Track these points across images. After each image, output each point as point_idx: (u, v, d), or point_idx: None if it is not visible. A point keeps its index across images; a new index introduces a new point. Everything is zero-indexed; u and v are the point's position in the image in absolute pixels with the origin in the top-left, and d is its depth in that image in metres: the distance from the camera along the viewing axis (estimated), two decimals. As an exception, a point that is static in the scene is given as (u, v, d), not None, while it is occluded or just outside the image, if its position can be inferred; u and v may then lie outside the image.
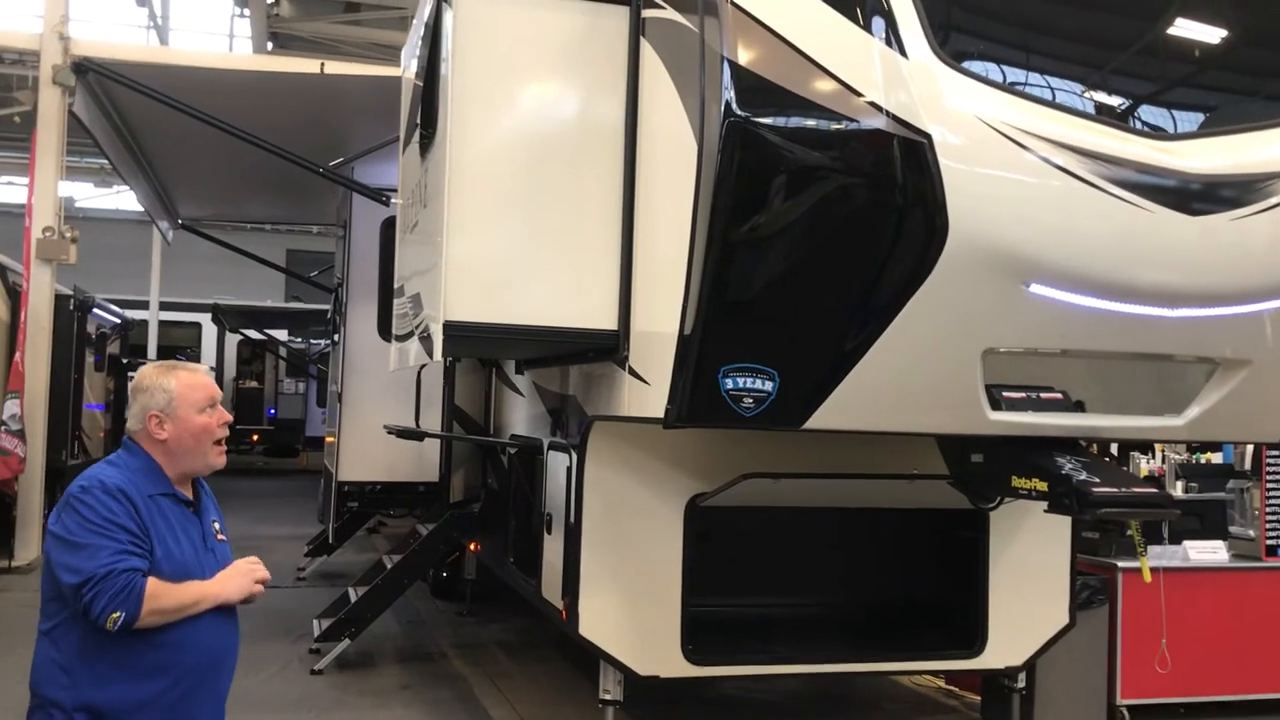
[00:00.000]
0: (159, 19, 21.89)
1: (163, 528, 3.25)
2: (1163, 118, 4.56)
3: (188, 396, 3.35)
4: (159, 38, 22.02)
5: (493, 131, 5.24)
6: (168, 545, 3.24)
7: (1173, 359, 4.68)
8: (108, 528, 3.16)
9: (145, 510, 3.22)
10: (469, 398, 8.72)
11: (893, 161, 4.10)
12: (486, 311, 5.19)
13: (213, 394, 3.42)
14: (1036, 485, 4.56)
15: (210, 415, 3.38)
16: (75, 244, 12.87)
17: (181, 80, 8.16)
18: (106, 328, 16.15)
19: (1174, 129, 4.48)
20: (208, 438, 3.38)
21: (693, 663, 5.91)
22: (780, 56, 4.22)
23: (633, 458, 5.84)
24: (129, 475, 3.30)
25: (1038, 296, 4.21)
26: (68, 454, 13.47)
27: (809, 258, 4.28)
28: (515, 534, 7.52)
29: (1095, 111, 4.40)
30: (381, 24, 19.92)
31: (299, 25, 19.66)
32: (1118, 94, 4.52)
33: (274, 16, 19.47)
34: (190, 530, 3.35)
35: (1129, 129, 4.38)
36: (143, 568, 3.14)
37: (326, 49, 19.28)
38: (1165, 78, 4.67)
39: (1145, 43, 4.70)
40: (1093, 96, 4.50)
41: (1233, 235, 4.43)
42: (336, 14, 19.75)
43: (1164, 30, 4.69)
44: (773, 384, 4.35)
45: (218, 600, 3.27)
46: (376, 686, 8.00)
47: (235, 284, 25.07)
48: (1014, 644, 6.46)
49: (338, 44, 19.88)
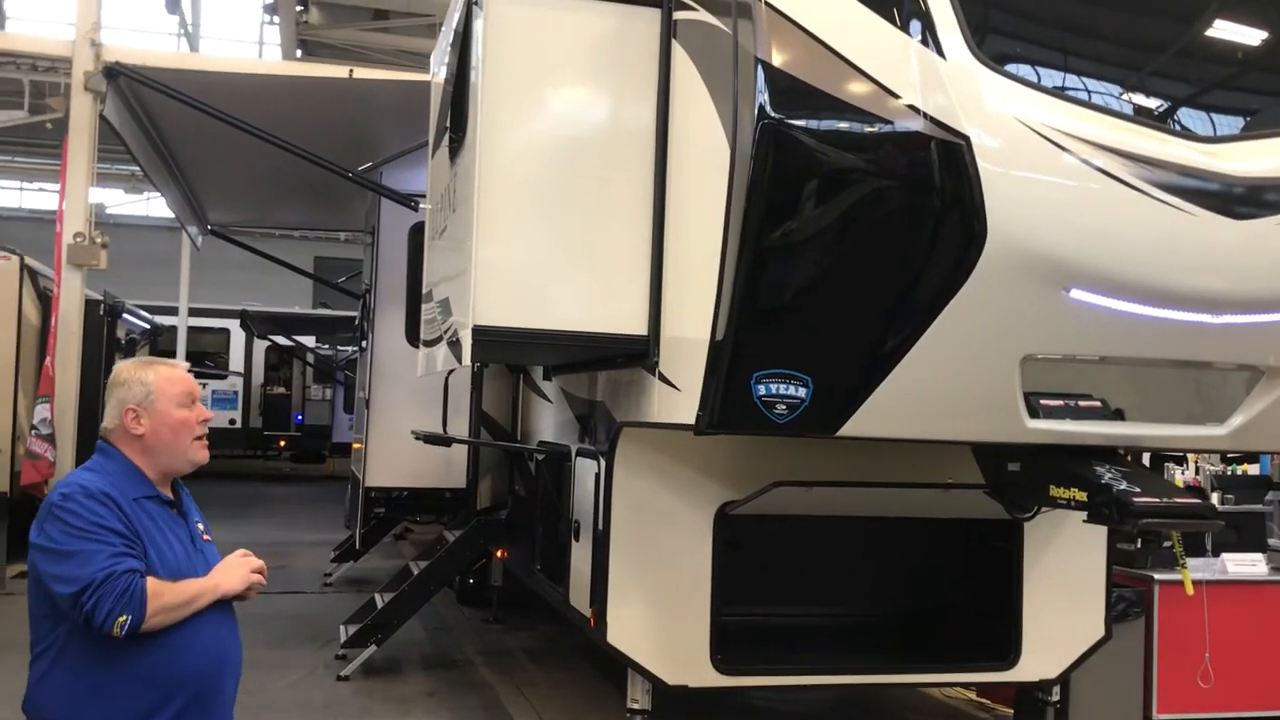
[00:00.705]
0: (189, 26, 22.02)
1: (151, 530, 3.17)
2: (1204, 120, 4.47)
3: (166, 390, 3.27)
4: (189, 45, 22.15)
5: (523, 135, 5.20)
6: (159, 547, 3.16)
7: (1214, 366, 4.58)
8: (97, 532, 3.06)
9: (131, 513, 3.14)
10: (496, 404, 8.68)
11: (930, 164, 4.02)
12: (516, 316, 5.14)
13: (191, 389, 3.35)
14: (1075, 495, 4.47)
15: (189, 410, 3.30)
16: (106, 249, 12.93)
17: (211, 86, 8.17)
18: (136, 333, 16.24)
19: (1216, 131, 4.39)
20: (186, 433, 3.28)
21: (722, 672, 5.84)
22: (815, 58, 4.15)
23: (662, 465, 5.78)
24: (110, 479, 3.19)
25: (1077, 302, 4.12)
26: (97, 458, 13.51)
27: (844, 262, 4.21)
28: (542, 541, 7.47)
29: (1135, 113, 4.31)
30: (410, 31, 19.98)
31: (328, 32, 19.75)
32: (1158, 96, 4.43)
33: (303, 24, 19.56)
34: (178, 531, 3.28)
35: (1170, 131, 4.29)
36: (140, 568, 3.06)
37: (355, 56, 19.35)
38: (1206, 79, 4.58)
39: (1185, 44, 4.61)
40: (1132, 98, 4.41)
41: (1277, 239, 4.33)
42: (365, 21, 19.81)
43: (1204, 31, 4.60)
44: (806, 390, 4.28)
45: (217, 593, 3.19)
46: (402, 693, 7.96)
47: (263, 290, 25.18)
48: (1049, 656, 6.36)
49: (366, 51, 19.94)
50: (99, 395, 13.59)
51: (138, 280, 21.90)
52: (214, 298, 23.24)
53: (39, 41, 14.25)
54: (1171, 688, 7.14)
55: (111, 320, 14.11)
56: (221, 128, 8.79)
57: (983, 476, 5.23)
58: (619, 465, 5.73)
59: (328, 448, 23.65)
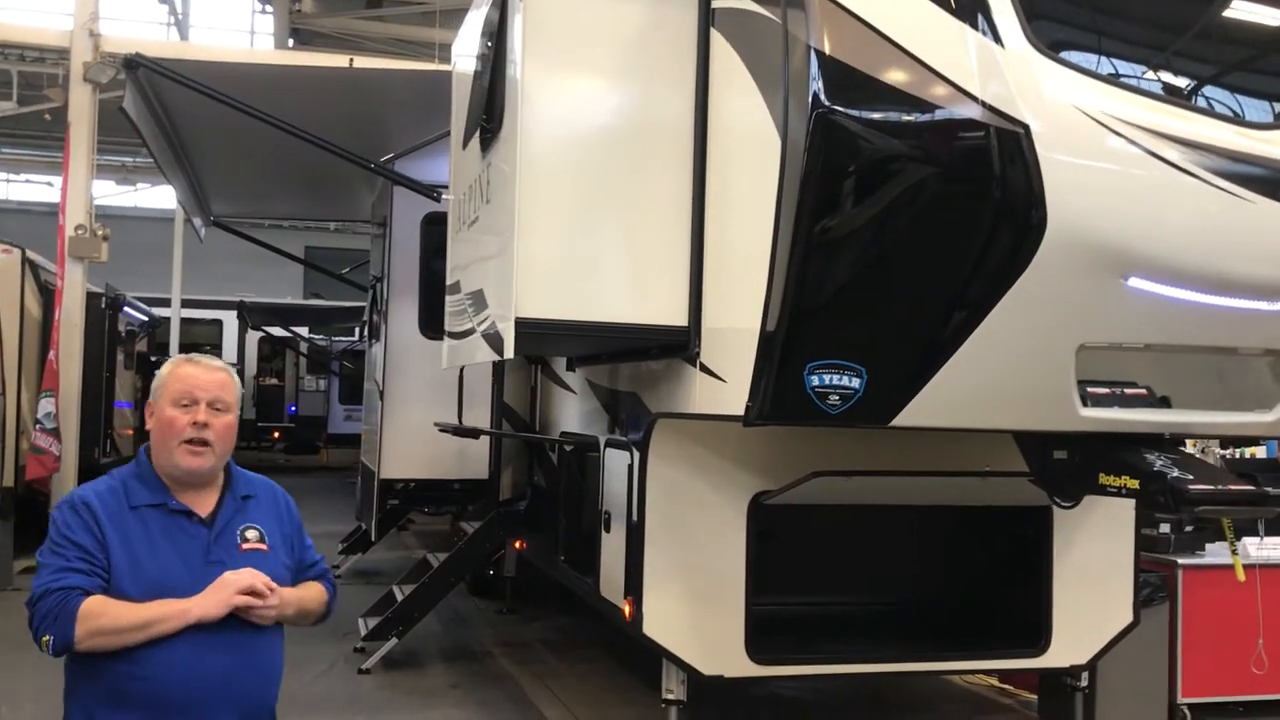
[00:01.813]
0: (179, 15, 21.84)
1: (139, 541, 3.03)
2: (1260, 106, 4.46)
3: (170, 387, 3.14)
4: (179, 34, 21.99)
5: (563, 126, 5.16)
6: (140, 561, 3.00)
7: (1269, 354, 4.58)
8: (61, 544, 2.99)
9: (113, 523, 3.02)
10: (515, 395, 8.64)
11: (989, 153, 4.00)
12: (557, 308, 5.11)
13: (192, 390, 3.12)
14: (1127, 483, 4.47)
15: (183, 412, 3.10)
16: (106, 242, 12.85)
17: (227, 77, 8.10)
18: (135, 325, 16.13)
19: (1273, 118, 4.38)
20: (172, 434, 3.10)
21: (757, 662, 5.83)
22: (870, 46, 4.12)
23: (696, 455, 5.76)
24: (114, 484, 3.13)
25: (1135, 290, 4.12)
26: (100, 452, 13.46)
27: (900, 253, 4.18)
28: (567, 532, 7.44)
29: (1191, 100, 4.31)
30: (404, 19, 19.87)
31: (321, 21, 19.63)
32: (1212, 82, 4.42)
33: (296, 12, 19.42)
34: (182, 543, 3.08)
35: (1225, 117, 4.28)
36: (82, 585, 2.92)
37: (349, 44, 19.23)
38: (1260, 65, 4.58)
39: (1241, 31, 4.60)
40: (1187, 85, 4.41)
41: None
42: (358, 9, 19.69)
43: (1257, 17, 4.59)
44: (860, 381, 4.26)
45: (186, 618, 2.93)
46: (425, 686, 7.95)
47: (255, 281, 25.05)
48: (1078, 643, 6.37)
49: (360, 39, 19.82)
50: (102, 389, 13.52)
51: (129, 272, 21.77)
52: (205, 289, 23.12)
53: (36, 32, 14.15)
54: (1196, 672, 7.17)
55: (113, 313, 14.01)
56: (230, 119, 8.69)
57: (1026, 464, 5.22)
58: (654, 456, 5.70)
59: (323, 439, 23.55)
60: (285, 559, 3.27)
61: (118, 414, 14.80)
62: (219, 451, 3.17)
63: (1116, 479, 4.54)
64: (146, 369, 17.30)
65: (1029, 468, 5.22)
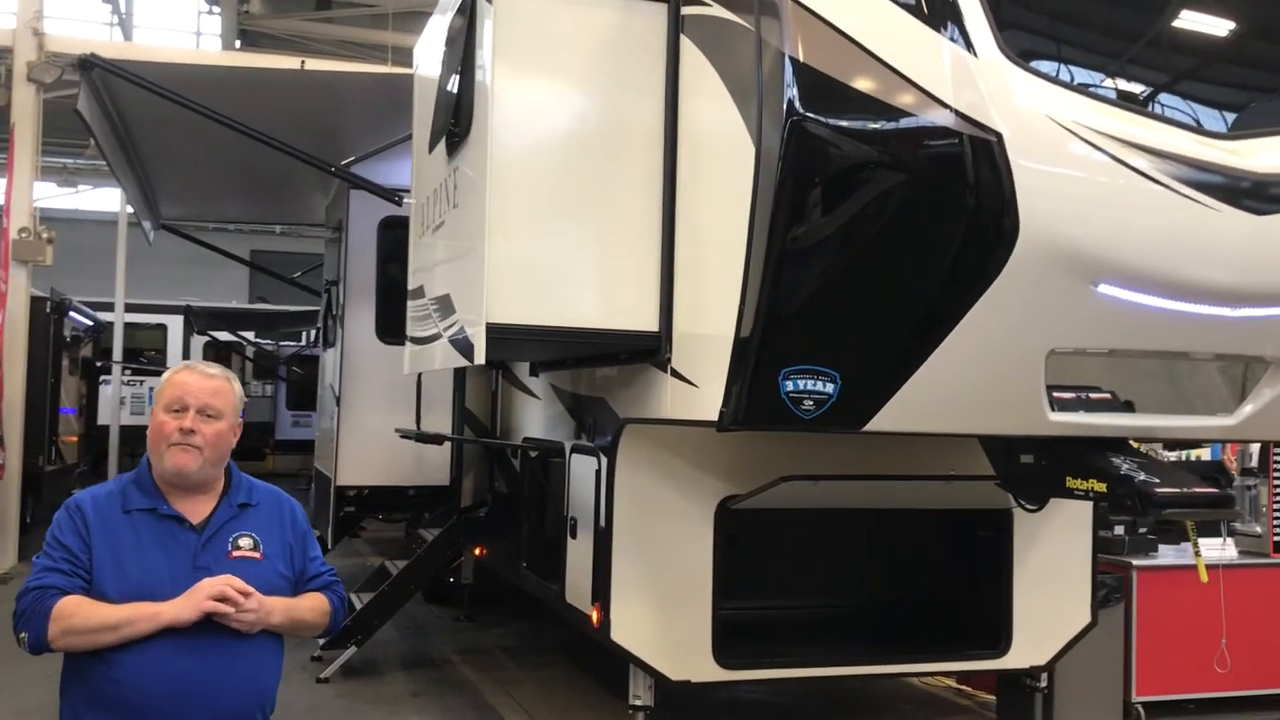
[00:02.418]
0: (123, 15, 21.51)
1: (125, 545, 3.05)
2: (1225, 117, 4.56)
3: (162, 393, 3.21)
4: (123, 34, 21.65)
5: (533, 130, 5.15)
6: (123, 564, 3.01)
7: (1228, 358, 4.68)
8: (50, 546, 3.07)
9: (105, 526, 3.06)
10: (476, 400, 8.60)
11: (963, 160, 4.04)
12: (528, 314, 5.09)
13: (183, 396, 3.14)
14: (1095, 486, 4.54)
15: (173, 417, 3.12)
16: (51, 245, 12.62)
17: (183, 79, 7.97)
18: (80, 330, 15.84)
19: (1236, 128, 4.47)
20: (161, 439, 3.13)
21: (724, 667, 5.86)
22: (844, 54, 4.15)
23: (664, 460, 5.77)
24: (114, 489, 3.18)
25: (1105, 296, 4.18)
26: (45, 459, 13.19)
27: (874, 259, 4.22)
28: (530, 538, 7.42)
29: (1159, 110, 4.38)
30: (353, 21, 19.71)
31: (269, 22, 19.42)
32: (1181, 93, 4.50)
33: (244, 14, 19.21)
34: (170, 548, 3.09)
35: (1194, 128, 4.36)
36: (58, 585, 2.98)
37: (297, 46, 19.04)
38: (1227, 77, 4.68)
39: (1205, 43, 4.69)
40: (1158, 96, 4.49)
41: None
42: (307, 11, 19.51)
43: (1223, 31, 4.69)
44: (834, 386, 4.29)
45: (157, 621, 2.94)
46: (386, 694, 7.88)
47: (199, 285, 24.65)
48: (1038, 644, 6.46)
49: (308, 41, 19.64)
50: (47, 395, 13.26)
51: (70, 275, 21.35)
52: (148, 292, 22.67)
53: (-24, 30, 13.82)
54: (1150, 671, 7.30)
55: (58, 318, 13.75)
56: (183, 121, 8.57)
57: (993, 468, 5.29)
58: (621, 462, 5.71)
59: (270, 445, 23.24)
60: (283, 569, 3.24)
61: (62, 420, 14.52)
62: (208, 456, 3.17)
63: (1084, 482, 4.61)
64: (91, 375, 17.00)
65: (996, 471, 5.29)
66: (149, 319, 22.57)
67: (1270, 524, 7.79)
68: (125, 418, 21.23)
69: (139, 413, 21.59)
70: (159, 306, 22.11)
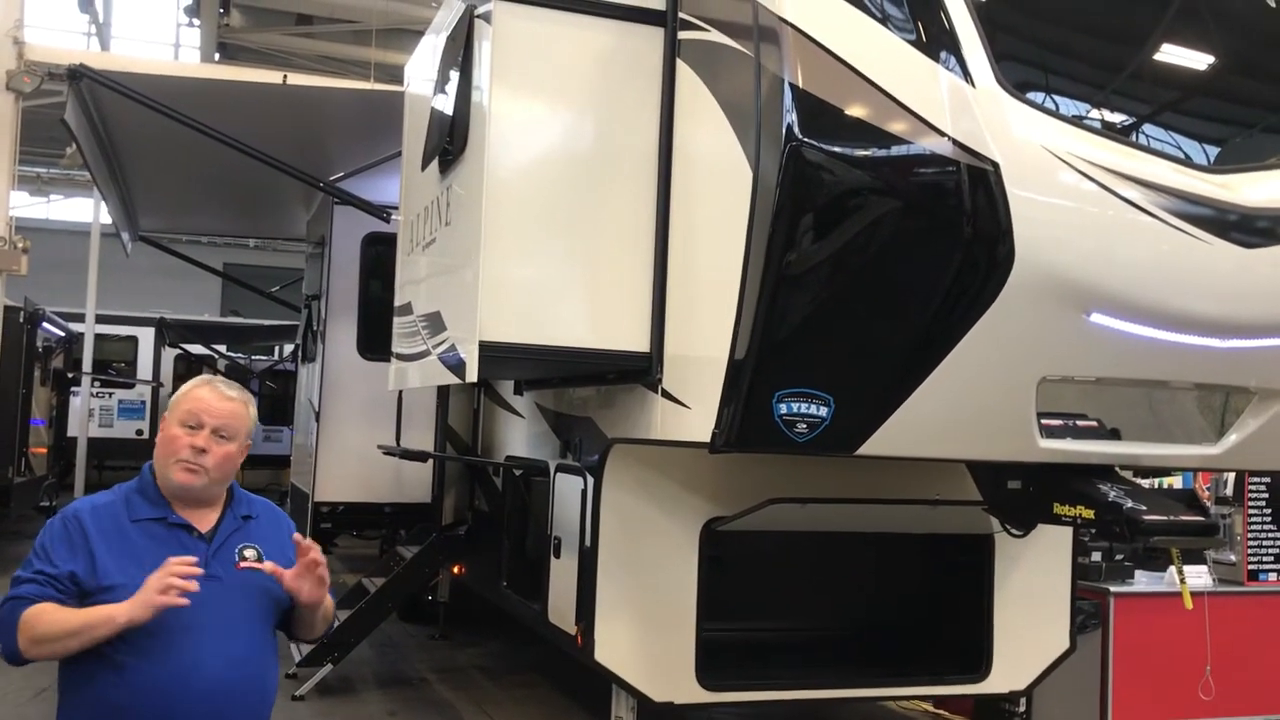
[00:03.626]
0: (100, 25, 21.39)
1: (134, 554, 3.04)
2: (1218, 151, 4.63)
3: (178, 405, 3.21)
4: (100, 44, 21.53)
5: (529, 150, 5.16)
6: (134, 573, 2.98)
7: (1212, 388, 4.74)
8: (35, 554, 3.06)
9: (110, 536, 3.05)
10: (457, 417, 8.58)
11: (960, 189, 4.09)
12: (519, 332, 5.09)
13: (200, 414, 3.15)
14: (1082, 513, 4.58)
15: (187, 433, 3.13)
16: (26, 255, 12.49)
17: (170, 90, 7.95)
18: (52, 341, 15.69)
19: (1228, 162, 4.55)
20: (169, 452, 3.14)
21: (706, 688, 5.86)
22: (844, 81, 4.19)
23: (650, 481, 5.78)
24: (115, 498, 3.17)
25: (1097, 326, 4.23)
26: (14, 471, 13.04)
27: (870, 285, 4.25)
28: (512, 557, 7.39)
29: (1152, 144, 4.45)
30: (333, 37, 19.69)
31: (249, 36, 19.37)
32: (1175, 128, 4.57)
33: (224, 27, 19.16)
34: (180, 556, 3.03)
35: (1185, 161, 4.43)
36: (28, 594, 2.95)
37: (277, 60, 19.01)
38: (1218, 113, 4.76)
39: (1197, 79, 4.77)
40: (1149, 129, 4.56)
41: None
42: (288, 26, 19.47)
43: (1213, 67, 4.77)
44: (828, 410, 4.31)
45: (114, 622, 2.90)
46: (363, 713, 7.83)
47: (170, 297, 24.50)
48: (1018, 669, 6.49)
49: (288, 56, 19.61)
50: (18, 406, 13.12)
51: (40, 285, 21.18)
52: (119, 304, 22.52)
53: (-44, 38, 13.70)
54: (1126, 696, 7.35)
55: (31, 328, 13.62)
56: (167, 134, 8.54)
57: (980, 493, 5.33)
58: (608, 482, 5.71)
59: (240, 459, 23.05)
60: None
61: (32, 431, 14.36)
62: (214, 476, 3.19)
63: (1071, 509, 4.65)
64: (63, 386, 16.82)
65: (983, 497, 5.33)
66: (120, 330, 22.40)
67: (1245, 553, 7.87)
68: (94, 430, 21.07)
69: (107, 425, 21.41)
70: (130, 318, 21.93)
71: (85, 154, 9.47)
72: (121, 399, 21.78)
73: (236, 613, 3.12)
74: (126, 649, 2.97)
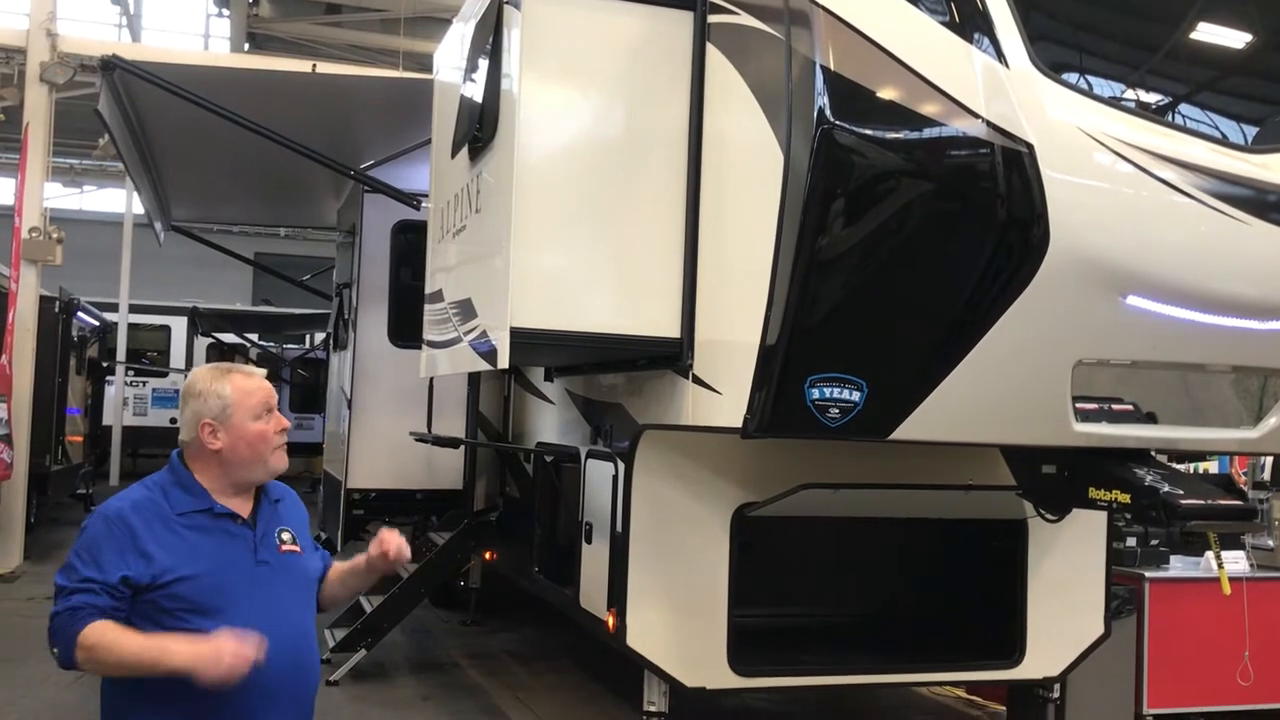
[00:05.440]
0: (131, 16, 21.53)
1: (185, 547, 3.05)
2: (1254, 131, 4.57)
3: (243, 403, 3.16)
4: (131, 35, 21.68)
5: (558, 136, 5.16)
6: (189, 565, 3.01)
7: (1253, 370, 4.68)
8: (83, 560, 3.00)
9: (157, 532, 3.03)
10: (488, 404, 8.60)
11: (994, 171, 4.05)
12: (551, 319, 5.09)
13: (267, 399, 3.21)
14: (1118, 497, 4.54)
15: (266, 422, 3.18)
16: (61, 245, 12.64)
17: (198, 80, 7.99)
18: (87, 330, 15.85)
19: (1266, 141, 4.48)
20: (265, 446, 3.17)
21: (738, 674, 5.85)
22: (876, 64, 4.16)
23: (681, 467, 5.77)
24: (151, 494, 3.13)
25: (1133, 308, 4.19)
26: (51, 459, 13.18)
27: (903, 269, 4.22)
28: (542, 543, 7.41)
29: (1188, 124, 4.40)
30: (362, 26, 19.73)
31: (278, 26, 19.44)
32: (1212, 108, 4.51)
33: (253, 17, 19.24)
34: (229, 545, 3.13)
35: (1223, 142, 4.38)
36: (84, 605, 2.92)
37: (306, 50, 19.08)
38: (1257, 92, 4.69)
39: (1235, 57, 4.70)
40: (1185, 109, 4.50)
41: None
42: (317, 15, 19.52)
43: (1253, 46, 4.70)
44: (860, 394, 4.29)
45: (171, 667, 2.84)
46: (397, 698, 7.88)
47: (201, 286, 24.69)
48: (1051, 655, 6.45)
49: (317, 45, 19.67)
50: (54, 395, 13.25)
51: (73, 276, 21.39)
52: (152, 294, 22.75)
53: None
54: (1161, 682, 7.29)
55: (66, 318, 13.76)
56: (198, 123, 8.58)
57: (1015, 478, 5.30)
58: (639, 468, 5.71)
59: (272, 447, 23.22)
60: (313, 559, 3.40)
61: (68, 420, 14.52)
62: None
63: (1107, 493, 4.61)
64: (98, 375, 16.99)
65: (1017, 481, 5.29)
66: (153, 320, 22.62)
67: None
68: (128, 418, 21.30)
69: (141, 413, 21.63)
70: (163, 308, 22.13)
71: (118, 144, 9.54)
72: (155, 387, 21.99)
73: (287, 593, 3.19)
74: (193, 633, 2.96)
